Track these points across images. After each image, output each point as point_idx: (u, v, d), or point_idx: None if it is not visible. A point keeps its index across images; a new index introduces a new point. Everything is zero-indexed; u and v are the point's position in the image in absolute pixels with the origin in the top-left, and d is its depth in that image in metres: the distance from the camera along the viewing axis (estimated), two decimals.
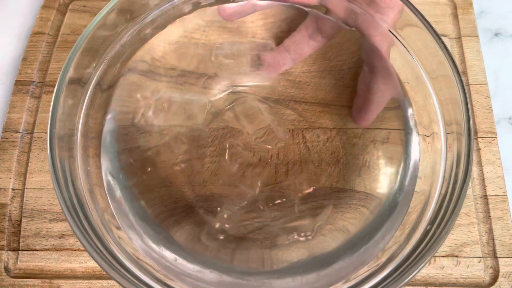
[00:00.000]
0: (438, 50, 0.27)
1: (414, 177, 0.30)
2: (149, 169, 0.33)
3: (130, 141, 0.33)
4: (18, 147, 0.36)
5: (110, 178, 0.30)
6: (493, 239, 0.33)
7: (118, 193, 0.30)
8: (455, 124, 0.27)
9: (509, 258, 0.33)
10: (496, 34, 0.42)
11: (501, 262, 0.33)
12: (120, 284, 0.23)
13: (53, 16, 0.41)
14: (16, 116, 0.37)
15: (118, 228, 0.28)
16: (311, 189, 0.32)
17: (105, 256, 0.24)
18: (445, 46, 0.27)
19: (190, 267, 0.28)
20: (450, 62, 0.27)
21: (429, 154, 0.30)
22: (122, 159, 0.32)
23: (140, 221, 0.30)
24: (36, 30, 0.41)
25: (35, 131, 0.37)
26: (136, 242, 0.28)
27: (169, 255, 0.29)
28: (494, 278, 0.32)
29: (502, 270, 0.32)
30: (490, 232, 0.34)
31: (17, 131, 0.37)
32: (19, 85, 0.38)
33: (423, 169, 0.30)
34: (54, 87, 0.27)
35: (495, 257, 0.33)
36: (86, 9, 0.42)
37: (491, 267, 0.33)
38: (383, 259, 0.26)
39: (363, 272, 0.26)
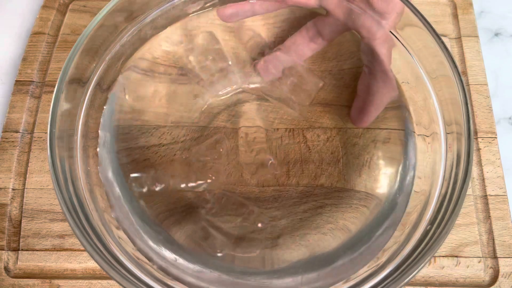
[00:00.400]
0: (438, 50, 0.27)
1: (414, 177, 0.30)
2: (148, 168, 0.33)
3: (130, 141, 0.33)
4: (18, 147, 0.36)
5: (109, 177, 0.30)
6: (493, 239, 0.33)
7: (117, 192, 0.30)
8: (455, 124, 0.27)
9: (509, 258, 0.33)
10: (496, 34, 0.42)
11: (501, 262, 0.33)
12: (120, 284, 0.23)
13: (53, 16, 0.41)
14: (16, 116, 0.37)
15: (118, 228, 0.28)
16: (259, 224, 0.32)
17: (105, 256, 0.24)
18: (445, 46, 0.27)
19: (190, 267, 0.28)
20: (450, 62, 0.27)
21: (429, 154, 0.30)
22: (122, 158, 0.32)
23: (140, 221, 0.30)
24: (36, 30, 0.41)
25: (35, 131, 0.37)
26: (135, 242, 0.28)
27: (169, 255, 0.29)
28: (494, 278, 0.32)
29: (502, 270, 0.32)
30: (490, 232, 0.34)
31: (17, 131, 0.37)
32: (19, 85, 0.38)
33: (423, 169, 0.30)
34: (54, 87, 0.27)
35: (495, 257, 0.33)
36: (86, 9, 0.42)
37: (491, 267, 0.33)
38: (383, 259, 0.26)
39: (363, 272, 0.26)
